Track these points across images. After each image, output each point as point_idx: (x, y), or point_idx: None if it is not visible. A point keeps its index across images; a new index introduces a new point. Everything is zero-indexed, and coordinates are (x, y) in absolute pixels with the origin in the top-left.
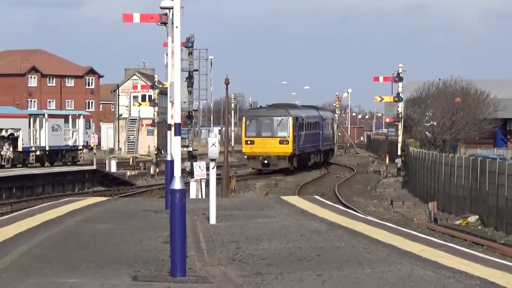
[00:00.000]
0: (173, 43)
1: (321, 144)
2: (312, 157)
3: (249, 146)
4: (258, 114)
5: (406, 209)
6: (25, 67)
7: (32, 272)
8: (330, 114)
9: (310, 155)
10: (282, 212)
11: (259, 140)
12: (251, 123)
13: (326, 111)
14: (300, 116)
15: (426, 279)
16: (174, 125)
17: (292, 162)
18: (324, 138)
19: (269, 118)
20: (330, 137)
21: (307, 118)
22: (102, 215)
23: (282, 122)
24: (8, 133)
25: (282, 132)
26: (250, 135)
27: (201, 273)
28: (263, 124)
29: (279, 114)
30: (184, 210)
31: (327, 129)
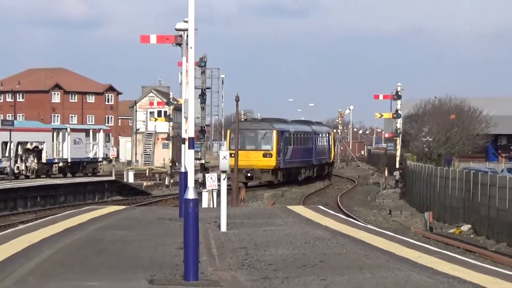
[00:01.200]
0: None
1: (314, 159)
2: (302, 172)
3: (233, 159)
4: (242, 128)
5: (403, 218)
6: (49, 84)
7: (55, 275)
8: (326, 128)
9: (300, 170)
10: (288, 221)
11: (243, 153)
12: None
13: (322, 126)
14: (286, 130)
15: (422, 284)
16: (188, 139)
17: (277, 175)
18: (318, 152)
19: (253, 131)
20: (325, 151)
21: (296, 133)
22: (120, 222)
23: (266, 136)
24: (33, 145)
25: (266, 146)
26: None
27: (212, 277)
28: (247, 137)
29: (263, 127)
30: (197, 218)
31: (322, 144)
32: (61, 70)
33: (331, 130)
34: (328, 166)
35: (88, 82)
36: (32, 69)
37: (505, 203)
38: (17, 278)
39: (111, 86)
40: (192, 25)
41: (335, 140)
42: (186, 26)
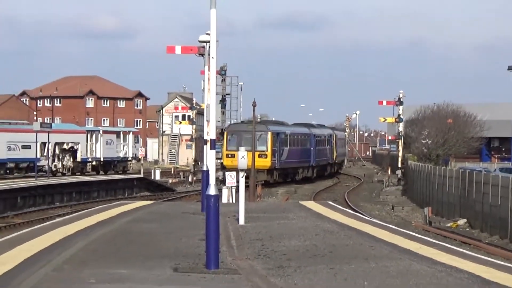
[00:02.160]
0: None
1: (312, 159)
2: (300, 172)
3: (229, 159)
4: (238, 129)
5: (405, 213)
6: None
7: (89, 263)
8: (328, 131)
9: (298, 170)
10: (301, 215)
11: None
12: (232, 138)
13: (324, 129)
14: (282, 131)
15: (422, 272)
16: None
17: (272, 175)
18: (317, 153)
19: (249, 133)
20: (326, 153)
21: (293, 134)
22: (148, 216)
23: (261, 137)
24: (69, 146)
25: (261, 147)
26: (231, 149)
27: (231, 266)
28: (243, 138)
29: (258, 129)
30: (217, 213)
31: (322, 145)
32: (94, 77)
33: (334, 133)
34: (330, 166)
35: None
36: (68, 77)
37: (497, 200)
38: (55, 266)
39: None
40: (214, 37)
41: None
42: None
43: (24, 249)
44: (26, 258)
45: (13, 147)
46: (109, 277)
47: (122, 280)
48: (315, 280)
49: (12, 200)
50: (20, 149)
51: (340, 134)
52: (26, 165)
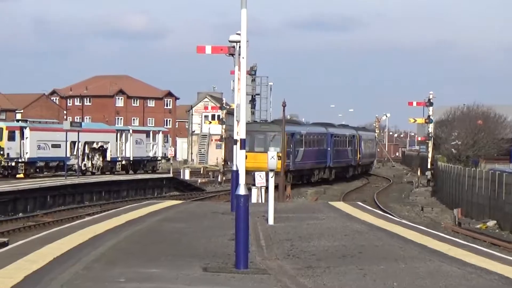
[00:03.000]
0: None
1: (329, 160)
2: (316, 173)
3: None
4: (251, 129)
5: (434, 214)
6: (113, 90)
7: (119, 262)
8: (350, 131)
9: (313, 171)
10: (330, 215)
11: (252, 155)
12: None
13: (346, 129)
14: (298, 132)
15: (452, 274)
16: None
17: (286, 177)
18: (335, 154)
19: (263, 133)
20: (347, 153)
21: (309, 135)
22: (177, 215)
23: (275, 138)
24: (99, 145)
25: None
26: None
27: (261, 266)
28: (256, 139)
29: (272, 129)
30: (247, 213)
31: (342, 146)
32: (124, 77)
33: (357, 133)
34: (353, 168)
35: (149, 88)
36: (98, 76)
37: None
38: (85, 265)
39: (169, 92)
40: (244, 37)
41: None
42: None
43: (54, 248)
44: (56, 257)
45: (43, 146)
46: (139, 276)
47: (151, 279)
48: (344, 280)
49: (42, 199)
50: (50, 148)
51: (366, 135)
52: (56, 164)
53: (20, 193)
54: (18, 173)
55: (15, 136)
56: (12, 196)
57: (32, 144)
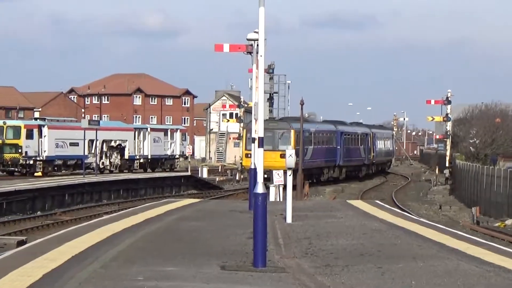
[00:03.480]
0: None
1: (339, 159)
2: (325, 172)
3: (249, 159)
4: None
5: (452, 212)
6: (131, 88)
7: (136, 261)
8: (362, 129)
9: (323, 170)
10: (348, 214)
11: None
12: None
13: (359, 126)
14: (307, 129)
15: (470, 272)
16: (258, 138)
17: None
18: (345, 153)
19: (271, 131)
20: (359, 152)
21: (318, 132)
22: (195, 214)
23: (284, 136)
24: (117, 143)
25: (284, 146)
26: (251, 148)
27: (279, 264)
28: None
29: (281, 127)
30: (265, 211)
31: (354, 144)
32: (142, 75)
33: (371, 131)
34: (366, 167)
35: (166, 86)
36: (116, 74)
37: None
38: (103, 263)
39: (187, 90)
40: (262, 35)
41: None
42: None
43: (72, 246)
44: (74, 255)
45: (61, 144)
46: (157, 275)
47: (169, 278)
48: (362, 279)
49: (59, 197)
50: (68, 146)
51: (381, 133)
52: (74, 162)
53: (38, 191)
54: (36, 172)
55: (33, 134)
56: (31, 194)
57: (50, 142)
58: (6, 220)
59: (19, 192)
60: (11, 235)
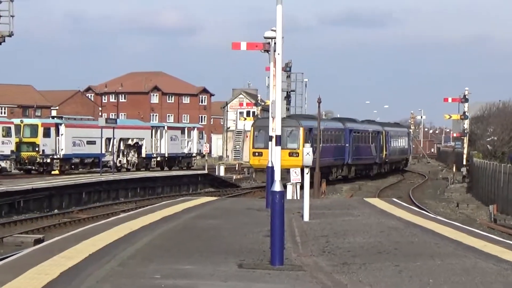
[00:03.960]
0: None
1: (347, 157)
2: (334, 171)
3: (256, 158)
4: (267, 124)
5: (470, 210)
6: (148, 87)
7: (154, 259)
8: (374, 127)
9: (331, 169)
10: (365, 212)
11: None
12: (260, 134)
13: (370, 124)
14: (316, 127)
15: (488, 270)
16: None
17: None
18: (354, 151)
19: None
20: (369, 150)
21: (327, 130)
22: (212, 212)
23: (292, 133)
24: (134, 141)
25: (292, 144)
26: (258, 146)
27: (296, 262)
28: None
29: (289, 124)
30: (282, 209)
31: (364, 142)
32: (159, 73)
33: (383, 129)
34: (378, 166)
35: (183, 84)
36: (133, 73)
37: None
38: (120, 261)
39: (204, 89)
40: (280, 33)
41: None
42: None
43: (89, 244)
44: (92, 253)
45: (78, 143)
46: (174, 273)
47: (187, 276)
48: (380, 277)
49: (77, 196)
50: (85, 145)
51: (396, 131)
52: (91, 161)
53: (56, 189)
54: (53, 170)
55: (50, 132)
56: (48, 192)
57: (67, 140)
58: (23, 219)
59: (36, 191)
60: (28, 233)
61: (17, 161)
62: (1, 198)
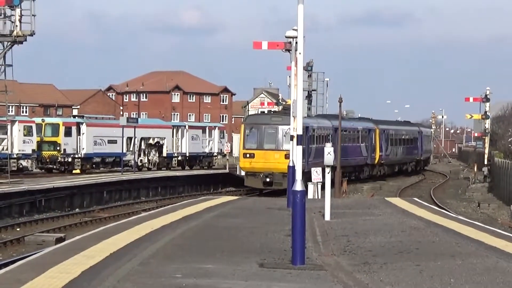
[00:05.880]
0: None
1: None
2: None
3: (248, 160)
4: (259, 122)
5: (491, 210)
6: (169, 86)
7: (175, 258)
8: (365, 124)
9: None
10: (386, 211)
11: (261, 153)
12: (251, 133)
13: (361, 122)
14: (311, 126)
15: (509, 270)
16: (296, 136)
17: None
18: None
19: (273, 127)
20: (359, 150)
21: (319, 129)
22: (233, 211)
23: (289, 132)
24: (155, 141)
25: (289, 145)
26: (250, 147)
27: (317, 262)
28: (265, 134)
29: (286, 122)
30: (303, 208)
31: (351, 142)
32: (180, 73)
33: (377, 127)
34: (369, 168)
35: (205, 84)
36: (155, 72)
37: None
38: (141, 260)
39: (225, 88)
40: (301, 33)
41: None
42: (295, 34)
43: (110, 243)
44: (113, 252)
45: (99, 142)
46: (195, 272)
47: (208, 275)
48: (401, 276)
49: (98, 195)
50: (107, 144)
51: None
52: (112, 160)
53: (77, 188)
54: (75, 169)
55: (71, 132)
56: (69, 191)
57: (89, 139)
58: (44, 217)
59: (58, 189)
60: (50, 232)
61: (39, 160)
62: (23, 197)
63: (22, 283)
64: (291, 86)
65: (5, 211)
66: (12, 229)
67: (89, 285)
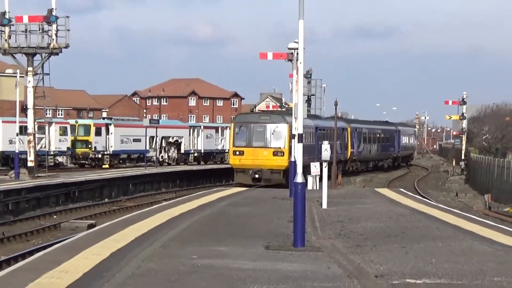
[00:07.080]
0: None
1: (317, 155)
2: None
3: (237, 157)
4: (249, 120)
5: (467, 199)
6: (186, 91)
7: (192, 241)
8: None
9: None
10: (376, 200)
11: (250, 150)
12: (241, 131)
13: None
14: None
15: (483, 251)
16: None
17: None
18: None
19: (262, 125)
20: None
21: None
22: (243, 201)
23: (277, 131)
24: (174, 139)
25: (277, 142)
26: (239, 144)
27: (316, 244)
28: (254, 132)
29: (274, 121)
30: (304, 198)
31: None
32: (196, 80)
33: (349, 126)
34: (342, 164)
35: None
36: (174, 79)
37: None
38: (162, 243)
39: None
40: (302, 45)
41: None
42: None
43: (135, 229)
44: (137, 237)
45: (126, 140)
46: (209, 253)
47: (220, 256)
48: (389, 257)
49: (124, 187)
50: (132, 142)
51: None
52: (136, 156)
53: (106, 181)
54: (104, 164)
55: (101, 132)
56: (99, 184)
57: (116, 138)
58: (78, 206)
59: (89, 182)
60: (83, 219)
61: (72, 156)
62: (59, 188)
63: (59, 264)
64: (293, 91)
65: (43, 201)
66: (50, 216)
67: (117, 265)
